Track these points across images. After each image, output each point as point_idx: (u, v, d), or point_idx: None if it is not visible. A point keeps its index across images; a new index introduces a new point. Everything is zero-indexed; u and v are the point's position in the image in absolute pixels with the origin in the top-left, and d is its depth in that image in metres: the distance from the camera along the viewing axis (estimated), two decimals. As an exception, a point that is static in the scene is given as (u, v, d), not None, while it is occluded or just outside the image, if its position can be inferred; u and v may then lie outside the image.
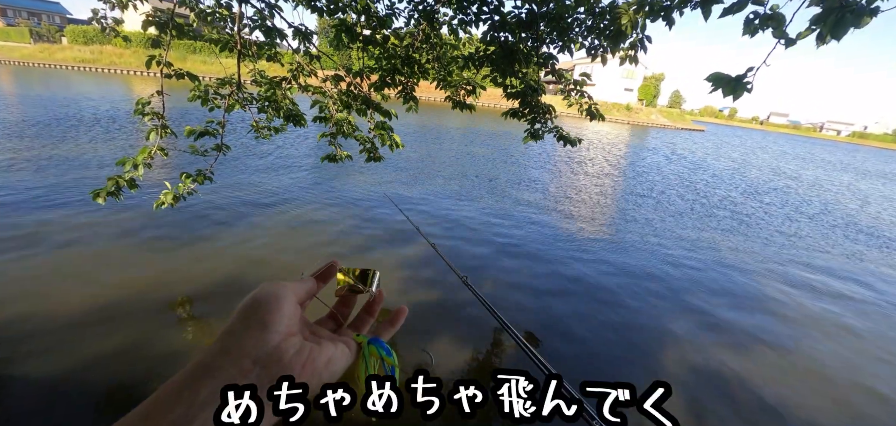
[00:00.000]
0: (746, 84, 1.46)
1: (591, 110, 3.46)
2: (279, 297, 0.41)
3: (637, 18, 2.79)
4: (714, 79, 1.48)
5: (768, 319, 4.94)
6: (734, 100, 1.50)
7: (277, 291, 0.41)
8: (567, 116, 41.14)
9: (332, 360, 0.42)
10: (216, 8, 3.00)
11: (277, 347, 0.38)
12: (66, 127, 11.87)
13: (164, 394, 0.33)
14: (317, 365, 0.40)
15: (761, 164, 22.74)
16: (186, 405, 0.32)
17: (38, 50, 43.48)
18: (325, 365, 0.41)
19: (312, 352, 0.40)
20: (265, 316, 0.39)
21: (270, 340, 0.38)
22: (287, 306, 0.41)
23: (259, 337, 0.37)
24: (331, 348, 0.42)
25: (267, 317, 0.39)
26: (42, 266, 4.38)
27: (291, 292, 0.43)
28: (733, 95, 1.47)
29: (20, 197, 6.19)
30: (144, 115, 2.69)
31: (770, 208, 11.13)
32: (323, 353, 0.41)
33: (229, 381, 0.34)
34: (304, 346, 0.40)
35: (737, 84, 1.45)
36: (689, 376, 3.77)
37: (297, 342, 0.40)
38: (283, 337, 0.39)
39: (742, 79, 1.46)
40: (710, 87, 1.50)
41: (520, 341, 1.18)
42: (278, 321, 0.39)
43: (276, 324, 0.39)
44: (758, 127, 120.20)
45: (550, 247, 6.32)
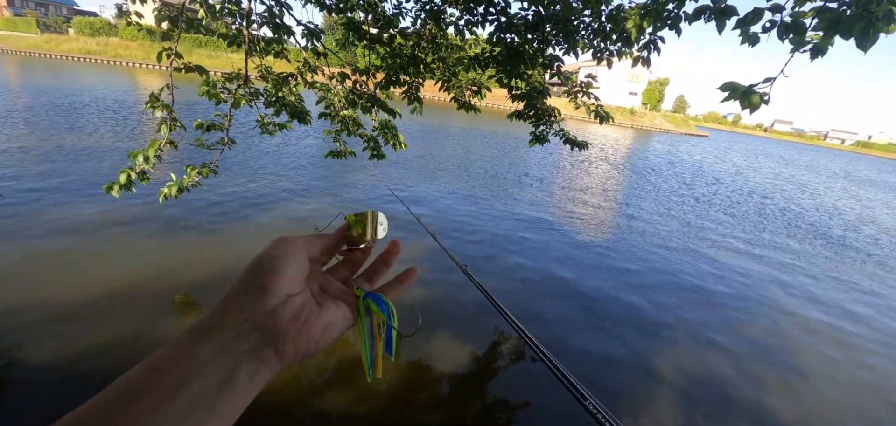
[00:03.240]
0: (762, 95, 1.43)
1: (599, 112, 3.45)
2: (281, 258, 0.40)
3: (643, 25, 2.80)
4: (727, 88, 1.46)
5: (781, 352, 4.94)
6: (751, 112, 1.47)
7: (282, 251, 0.41)
8: (570, 119, 41.10)
9: (331, 326, 0.41)
10: (226, 3, 3.02)
11: (273, 311, 0.38)
12: (74, 116, 11.92)
13: (169, 351, 0.33)
14: (314, 330, 0.40)
15: (764, 168, 22.68)
16: (187, 363, 0.32)
17: (43, 40, 43.61)
18: (323, 331, 0.41)
19: (310, 317, 0.40)
20: (264, 278, 0.38)
21: (268, 303, 0.38)
22: (291, 266, 0.40)
23: (258, 298, 0.37)
24: (331, 312, 0.42)
25: (267, 280, 0.38)
26: (49, 256, 4.41)
27: (300, 249, 0.43)
28: (750, 107, 1.44)
29: (28, 187, 6.22)
30: (155, 108, 2.71)
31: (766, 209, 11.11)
32: (322, 318, 0.41)
33: (228, 342, 0.34)
34: (303, 310, 0.40)
35: (751, 94, 1.43)
36: (684, 379, 3.77)
37: (297, 304, 0.39)
38: (282, 300, 0.39)
39: (756, 89, 1.44)
40: (723, 97, 1.48)
41: (515, 325, 1.19)
42: (278, 284, 0.39)
43: (275, 286, 0.38)
44: (762, 134, 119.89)
45: (555, 248, 6.32)
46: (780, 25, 1.52)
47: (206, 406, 0.32)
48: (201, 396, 0.32)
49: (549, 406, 3.24)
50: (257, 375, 0.35)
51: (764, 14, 1.53)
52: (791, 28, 1.49)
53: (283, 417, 2.79)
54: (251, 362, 0.35)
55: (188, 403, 0.31)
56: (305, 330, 0.39)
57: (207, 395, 0.32)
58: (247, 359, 0.35)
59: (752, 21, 1.64)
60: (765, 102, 1.45)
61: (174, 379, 0.31)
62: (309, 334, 0.39)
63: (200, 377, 0.32)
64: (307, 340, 0.39)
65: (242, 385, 0.34)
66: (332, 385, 3.11)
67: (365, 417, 2.90)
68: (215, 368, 0.33)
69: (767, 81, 1.46)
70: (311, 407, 2.91)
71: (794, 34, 1.57)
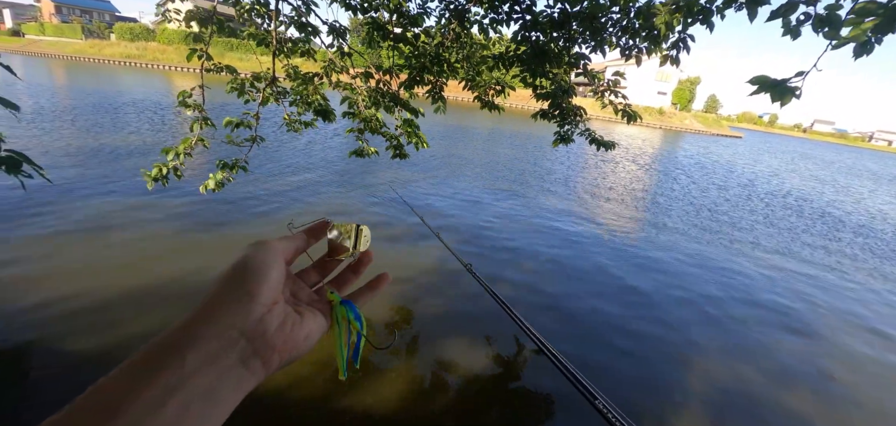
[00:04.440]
0: (794, 89, 1.36)
1: (627, 111, 3.35)
2: (267, 265, 0.40)
3: (673, 20, 2.70)
4: (758, 82, 1.39)
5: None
6: (781, 106, 1.39)
7: (266, 258, 0.40)
8: (596, 119, 40.31)
9: (310, 334, 0.41)
10: (255, 4, 3.10)
11: (262, 320, 0.37)
12: (116, 116, 12.53)
13: (152, 356, 0.32)
14: (296, 338, 0.40)
15: (804, 172, 21.61)
16: (172, 371, 0.31)
17: (88, 45, 46.14)
18: (304, 338, 0.41)
19: (294, 325, 0.40)
20: (253, 285, 0.38)
21: (256, 312, 0.37)
22: (274, 274, 0.40)
23: (246, 307, 0.36)
24: (310, 321, 0.42)
25: (254, 287, 0.38)
26: (89, 247, 4.64)
27: (280, 254, 0.42)
28: (780, 101, 1.37)
29: (71, 181, 6.57)
30: (187, 106, 2.80)
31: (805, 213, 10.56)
32: (303, 327, 0.41)
33: (216, 352, 0.33)
34: (287, 318, 0.40)
35: (783, 89, 1.35)
36: (711, 392, 3.62)
37: (280, 312, 0.39)
38: (268, 308, 0.38)
39: (788, 83, 1.36)
40: (752, 90, 1.40)
41: (521, 323, 1.16)
42: (265, 291, 0.38)
43: (262, 294, 0.38)
44: (800, 135, 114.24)
45: (575, 251, 6.20)
46: (815, 18, 1.43)
47: (191, 418, 0.30)
48: (187, 408, 0.30)
49: (561, 405, 3.19)
50: (243, 385, 0.34)
51: (798, 6, 1.45)
52: (826, 21, 1.40)
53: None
54: (238, 372, 0.34)
55: (174, 416, 0.29)
56: (290, 339, 0.39)
57: (193, 407, 0.30)
58: (235, 369, 0.34)
59: (786, 12, 1.55)
60: (796, 97, 1.37)
61: (158, 389, 0.30)
62: (293, 343, 0.39)
63: (187, 387, 0.31)
64: (290, 350, 0.39)
65: (228, 395, 0.33)
66: (320, 385, 3.14)
67: (369, 416, 2.92)
68: (203, 378, 0.32)
69: (799, 75, 1.37)
70: (304, 404, 2.95)
71: (828, 28, 1.48)
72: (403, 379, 3.23)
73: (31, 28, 56.59)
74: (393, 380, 3.20)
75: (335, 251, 0.50)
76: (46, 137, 9.49)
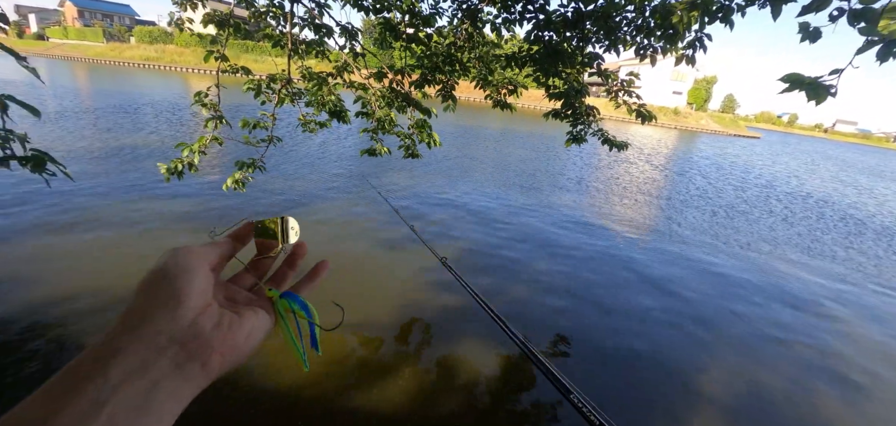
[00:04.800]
0: (829, 87, 1.31)
1: (641, 111, 3.31)
2: (191, 268, 0.37)
3: (690, 17, 2.65)
4: (790, 80, 1.35)
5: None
6: (816, 105, 1.35)
7: (189, 262, 0.37)
8: (609, 119, 39.86)
9: (253, 332, 0.39)
10: (270, 7, 3.15)
11: (194, 323, 0.35)
12: (136, 117, 12.84)
13: (66, 378, 0.29)
14: (237, 338, 0.37)
15: (825, 174, 21.05)
16: (95, 389, 0.28)
17: (109, 49, 47.36)
18: (246, 337, 0.38)
19: (233, 324, 0.38)
20: (177, 289, 0.35)
21: (186, 316, 0.34)
22: (199, 277, 0.37)
23: (173, 312, 0.34)
24: (250, 319, 0.40)
25: (179, 291, 0.35)
26: (109, 245, 4.76)
27: (205, 259, 0.40)
28: (816, 100, 1.32)
29: (92, 180, 6.75)
30: (203, 106, 2.86)
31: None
32: (243, 326, 0.39)
33: (143, 361, 0.31)
34: (223, 319, 0.37)
35: (818, 87, 1.31)
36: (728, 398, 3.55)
37: (214, 314, 0.37)
38: (199, 311, 0.36)
39: (823, 81, 1.32)
40: (784, 88, 1.36)
41: (496, 317, 1.15)
42: (192, 294, 0.36)
43: (190, 297, 0.35)
44: (821, 135, 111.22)
45: (589, 252, 6.15)
46: (850, 13, 1.38)
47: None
48: (114, 422, 0.28)
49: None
50: (180, 392, 0.32)
51: (831, 1, 1.40)
52: (861, 15, 1.36)
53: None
54: (173, 380, 0.32)
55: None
56: (230, 339, 0.37)
57: (121, 420, 0.28)
58: (167, 377, 0.32)
59: (816, 7, 1.50)
60: (831, 95, 1.32)
61: (82, 404, 0.28)
62: (233, 343, 0.37)
63: (113, 401, 0.28)
64: (232, 349, 0.37)
65: (164, 405, 0.31)
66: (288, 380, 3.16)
67: (350, 410, 2.92)
68: (131, 389, 0.30)
69: (834, 73, 1.33)
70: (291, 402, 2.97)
71: (864, 22, 1.43)
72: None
73: (55, 32, 58.38)
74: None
75: (265, 249, 0.48)
76: (69, 137, 9.76)
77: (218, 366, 0.36)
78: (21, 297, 3.64)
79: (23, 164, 1.86)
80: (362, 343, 3.52)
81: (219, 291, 0.42)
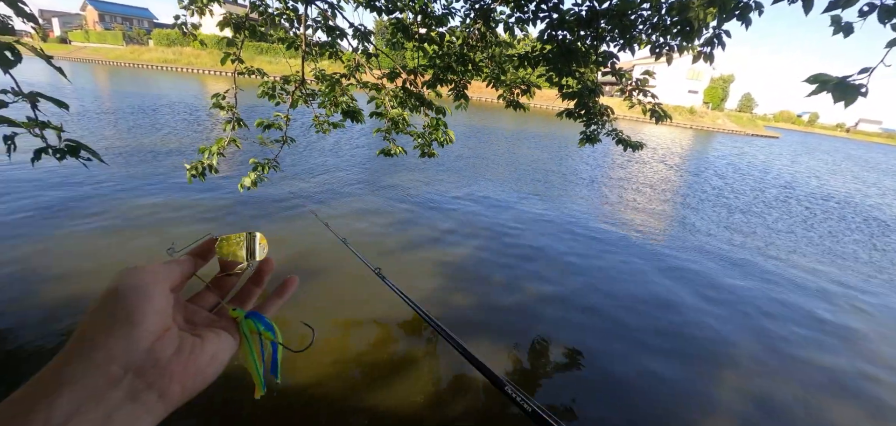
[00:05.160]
0: (859, 87, 1.26)
1: (655, 111, 3.26)
2: (146, 289, 0.34)
3: (708, 14, 2.60)
4: (817, 80, 1.30)
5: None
6: (846, 106, 1.30)
7: (144, 282, 0.35)
8: (623, 119, 39.37)
9: (216, 356, 0.37)
10: (284, 10, 3.19)
11: (151, 349, 0.32)
12: (155, 117, 13.13)
13: (9, 409, 0.27)
14: (199, 363, 0.35)
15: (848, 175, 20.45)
16: (41, 423, 0.26)
17: (128, 51, 48.55)
18: (209, 362, 0.36)
19: (194, 349, 0.35)
20: (132, 312, 0.32)
21: (142, 341, 0.32)
22: (157, 298, 0.35)
23: (127, 337, 0.31)
24: (213, 342, 0.37)
25: (134, 314, 0.32)
26: (130, 243, 4.87)
27: (162, 279, 0.37)
28: (844, 101, 1.28)
29: (113, 179, 6.92)
30: (221, 108, 2.91)
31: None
32: (206, 350, 0.36)
33: (94, 392, 0.28)
34: (184, 343, 0.35)
35: (846, 87, 1.26)
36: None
37: (173, 339, 0.34)
38: (157, 335, 0.33)
39: (852, 80, 1.28)
40: (811, 90, 1.32)
41: (436, 326, 1.14)
42: (148, 317, 0.33)
43: (146, 320, 0.33)
44: (843, 135, 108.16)
45: (602, 255, 6.08)
46: (881, 9, 1.34)
47: None
48: None
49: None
50: (137, 425, 0.30)
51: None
52: (892, 11, 1.31)
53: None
54: (127, 412, 0.29)
55: None
56: (191, 365, 0.34)
57: None
58: (122, 409, 0.29)
59: (845, 2, 1.46)
60: (862, 95, 1.28)
61: None
62: (195, 369, 0.34)
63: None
64: (194, 376, 0.34)
65: None
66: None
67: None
68: (82, 424, 0.27)
69: (863, 72, 1.29)
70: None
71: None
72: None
73: (77, 35, 60.03)
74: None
75: (228, 266, 0.46)
76: (91, 137, 10.02)
77: (178, 395, 0.33)
78: (37, 290, 3.75)
79: (59, 157, 1.94)
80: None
81: (178, 313, 0.39)
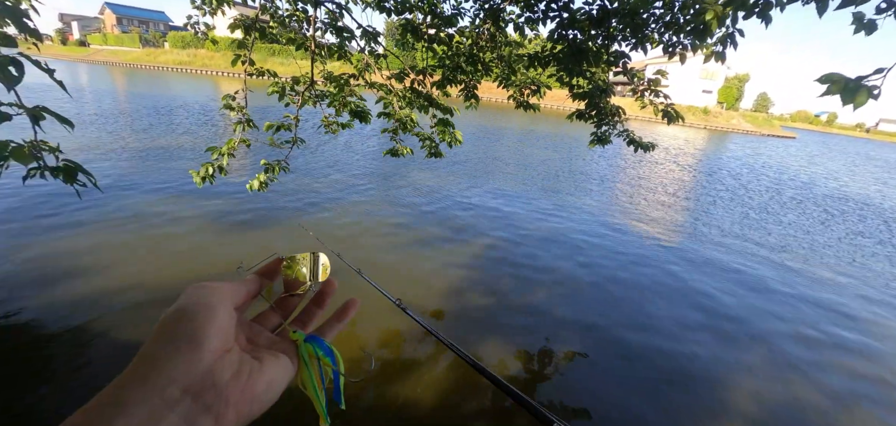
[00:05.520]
0: (870, 88, 1.22)
1: (668, 111, 3.20)
2: (212, 307, 0.34)
3: (726, 13, 2.55)
4: (827, 80, 1.27)
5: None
6: (855, 109, 1.26)
7: (209, 299, 0.35)
8: (635, 119, 38.93)
9: (273, 382, 0.36)
10: (294, 11, 3.21)
11: (211, 370, 0.32)
12: (170, 118, 13.36)
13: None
14: (256, 389, 0.34)
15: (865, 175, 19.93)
16: None
17: (144, 54, 49.50)
18: (266, 389, 0.35)
19: (252, 374, 0.35)
20: (195, 331, 0.32)
21: (203, 361, 0.32)
22: (221, 316, 0.35)
23: (189, 358, 0.31)
24: (271, 367, 0.37)
25: (197, 333, 0.32)
26: (147, 241, 4.95)
27: (227, 297, 0.37)
28: (853, 103, 1.24)
29: (129, 180, 7.05)
30: (231, 109, 2.94)
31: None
32: (263, 375, 0.35)
33: (151, 416, 0.28)
34: (244, 367, 0.35)
35: (857, 88, 1.22)
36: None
37: (234, 361, 0.34)
38: (218, 355, 0.33)
39: (865, 81, 1.24)
40: (823, 90, 1.28)
41: (464, 356, 1.08)
42: (211, 336, 0.33)
43: (209, 340, 0.33)
44: (862, 135, 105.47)
45: (613, 257, 6.01)
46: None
47: None
48: None
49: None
50: None
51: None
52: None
53: None
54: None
55: None
56: (248, 390, 0.34)
57: None
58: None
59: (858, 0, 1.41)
60: (873, 97, 1.23)
61: None
62: (252, 395, 0.34)
63: None
64: (250, 402, 0.34)
65: None
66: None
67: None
68: None
69: (878, 73, 1.24)
70: None
71: None
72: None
73: (95, 39, 61.42)
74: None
75: (292, 286, 0.46)
76: (109, 138, 10.23)
77: (233, 420, 0.33)
78: (59, 290, 3.82)
79: (55, 175, 1.93)
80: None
81: (241, 332, 0.39)
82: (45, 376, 2.89)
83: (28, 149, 1.80)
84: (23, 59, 1.56)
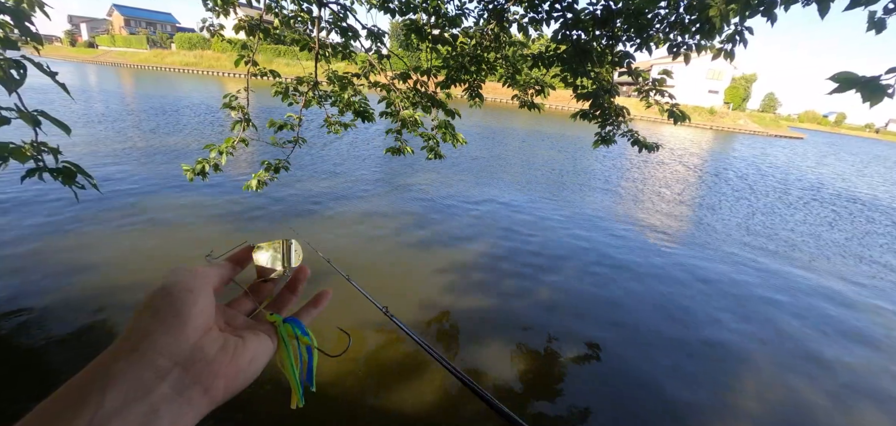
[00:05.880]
0: (886, 87, 1.20)
1: (673, 111, 3.18)
2: (194, 288, 0.36)
3: (729, 10, 2.52)
4: (841, 79, 1.24)
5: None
6: (871, 106, 1.24)
7: (191, 281, 0.36)
8: (639, 119, 38.78)
9: (256, 357, 0.38)
10: (298, 12, 3.22)
11: (198, 346, 0.34)
12: (176, 117, 13.47)
13: (61, 402, 0.28)
14: (241, 363, 0.36)
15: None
16: (90, 414, 0.27)
17: (152, 55, 49.98)
18: (250, 362, 0.37)
19: (237, 348, 0.36)
20: (180, 308, 0.34)
21: (189, 337, 0.33)
22: (203, 297, 0.36)
23: (175, 332, 0.33)
24: (253, 344, 0.39)
25: (182, 310, 0.34)
26: (150, 240, 4.99)
27: (207, 280, 0.38)
28: (869, 101, 1.22)
29: (134, 179, 7.11)
30: (232, 109, 2.95)
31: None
32: (247, 349, 0.37)
33: (143, 385, 0.29)
34: (228, 342, 0.36)
35: (874, 87, 1.20)
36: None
37: (218, 337, 0.36)
38: (203, 332, 0.35)
39: (880, 80, 1.22)
40: (834, 88, 1.26)
41: (449, 366, 1.05)
42: (195, 314, 0.34)
43: (193, 317, 0.34)
44: (872, 136, 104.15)
45: (618, 259, 5.97)
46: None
47: None
48: None
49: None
50: (182, 419, 0.31)
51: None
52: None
53: None
54: (174, 406, 0.30)
55: None
56: (234, 364, 0.35)
57: None
58: (168, 403, 0.30)
59: (865, 1, 1.39)
60: (888, 96, 1.21)
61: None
62: (238, 368, 0.36)
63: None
64: (236, 375, 0.35)
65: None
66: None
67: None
68: (129, 416, 0.28)
69: (892, 72, 1.22)
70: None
71: None
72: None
73: (104, 40, 62.13)
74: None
75: (265, 273, 0.47)
76: (116, 137, 10.33)
77: (221, 392, 0.34)
78: (60, 290, 3.86)
79: (54, 176, 1.93)
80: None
81: (219, 316, 0.40)
82: (45, 376, 2.91)
83: (28, 149, 1.81)
84: (26, 61, 1.56)
